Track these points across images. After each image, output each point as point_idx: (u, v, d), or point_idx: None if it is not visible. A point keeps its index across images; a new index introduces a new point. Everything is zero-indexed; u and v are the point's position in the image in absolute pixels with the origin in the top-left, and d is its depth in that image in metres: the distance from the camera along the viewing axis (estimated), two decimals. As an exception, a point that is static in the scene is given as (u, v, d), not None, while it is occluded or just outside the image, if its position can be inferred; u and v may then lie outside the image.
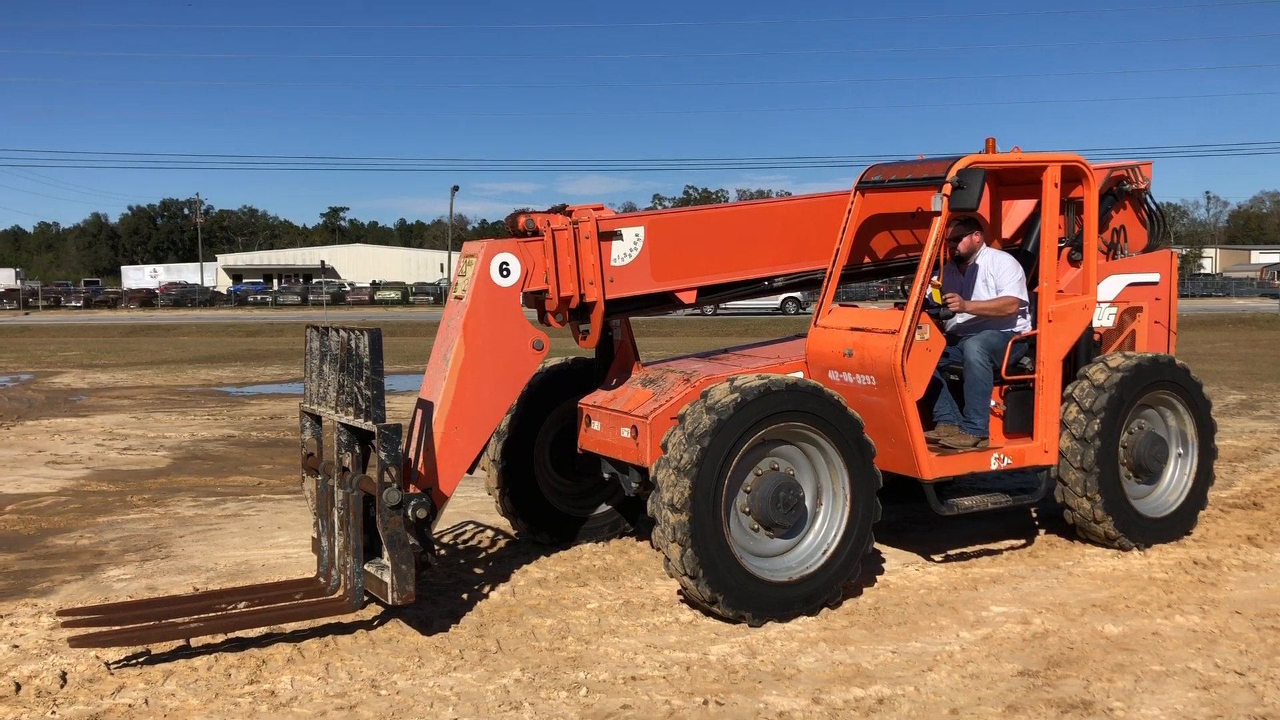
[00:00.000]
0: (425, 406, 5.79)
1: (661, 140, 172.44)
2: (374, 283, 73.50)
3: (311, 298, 65.60)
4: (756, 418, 5.53)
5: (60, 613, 5.50)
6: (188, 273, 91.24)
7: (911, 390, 6.03)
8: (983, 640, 5.29)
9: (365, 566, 5.41)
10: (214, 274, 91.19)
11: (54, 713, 4.48)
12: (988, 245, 6.93)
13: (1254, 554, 6.76)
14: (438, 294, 65.55)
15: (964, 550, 6.88)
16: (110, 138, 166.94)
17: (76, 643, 4.96)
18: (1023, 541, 7.07)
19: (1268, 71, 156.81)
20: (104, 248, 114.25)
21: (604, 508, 7.25)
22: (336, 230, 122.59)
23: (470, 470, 5.95)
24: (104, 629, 5.13)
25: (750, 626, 5.48)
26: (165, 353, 27.19)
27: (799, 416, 5.66)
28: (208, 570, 6.67)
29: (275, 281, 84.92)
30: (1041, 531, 7.30)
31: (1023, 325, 6.71)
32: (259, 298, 69.63)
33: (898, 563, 6.64)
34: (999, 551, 6.87)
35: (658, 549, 5.56)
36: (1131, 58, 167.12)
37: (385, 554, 5.25)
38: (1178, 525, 7.07)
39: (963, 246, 6.80)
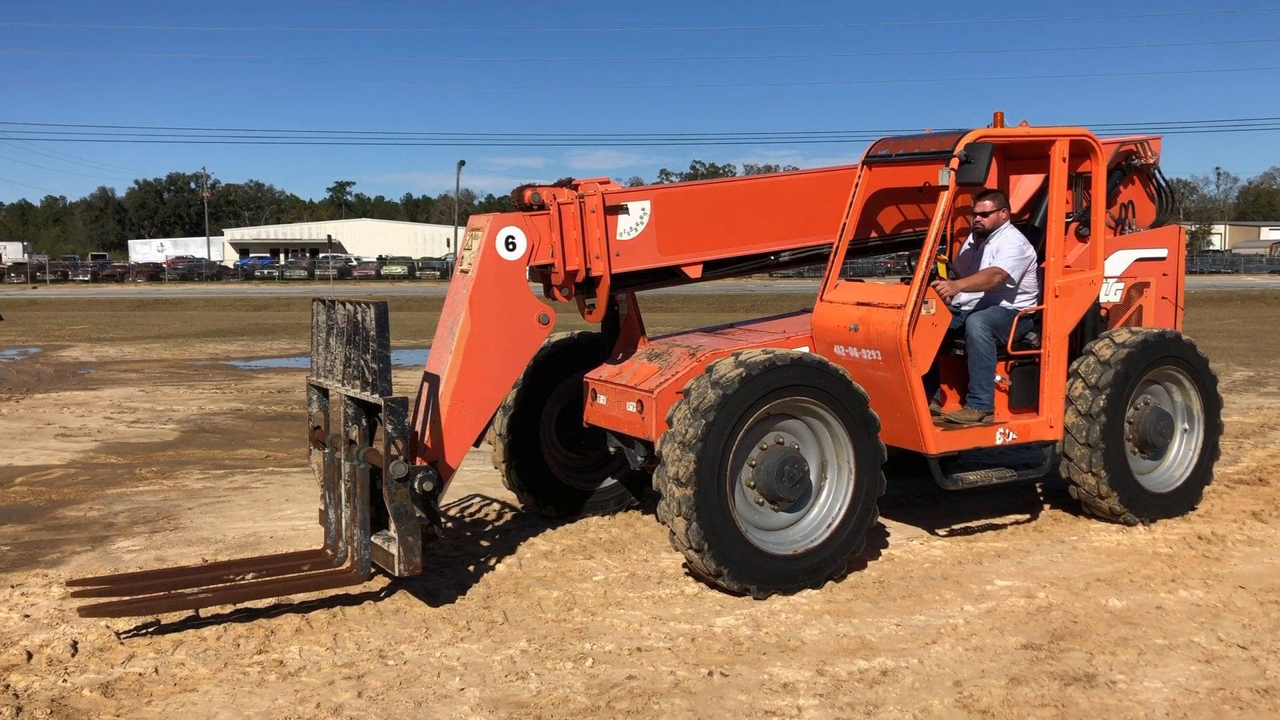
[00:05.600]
0: (431, 380, 5.81)
1: (671, 115, 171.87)
2: (380, 257, 73.54)
3: (318, 272, 65.62)
4: (761, 392, 5.54)
5: (70, 583, 5.54)
6: (194, 247, 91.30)
7: (917, 365, 6.03)
8: (987, 614, 5.31)
9: (372, 538, 5.45)
10: (221, 248, 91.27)
11: (65, 681, 4.53)
12: (1012, 221, 6.88)
13: (1259, 529, 6.77)
14: (444, 269, 65.50)
15: (969, 525, 6.90)
16: (117, 112, 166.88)
17: (87, 612, 5.01)
18: (1027, 516, 7.09)
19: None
20: (111, 222, 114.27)
21: (610, 481, 7.28)
22: (343, 205, 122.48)
23: (476, 444, 5.97)
24: (114, 599, 5.18)
25: (755, 599, 5.51)
26: (172, 327, 27.26)
27: (804, 391, 5.67)
28: (216, 542, 6.71)
29: (282, 256, 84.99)
30: (1046, 506, 7.31)
31: (1028, 301, 6.69)
32: (266, 272, 69.67)
33: (902, 537, 6.66)
34: (1003, 526, 6.89)
35: (663, 523, 5.59)
36: (1142, 32, 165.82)
37: (392, 526, 5.28)
38: (1183, 501, 7.07)
39: (989, 223, 6.74)
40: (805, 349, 6.28)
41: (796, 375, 5.63)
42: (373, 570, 5.54)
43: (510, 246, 5.99)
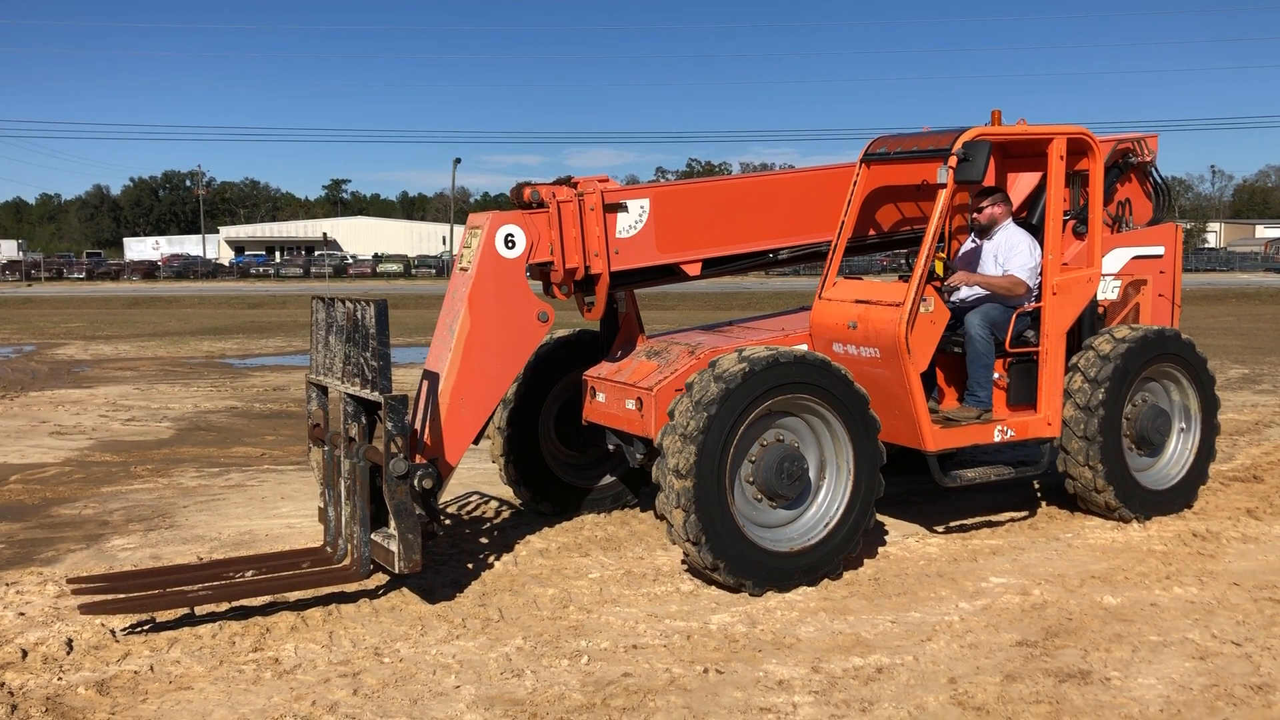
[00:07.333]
0: (431, 378, 5.80)
1: (667, 113, 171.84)
2: (376, 255, 73.46)
3: (314, 270, 65.54)
4: (763, 388, 5.55)
5: (70, 580, 5.53)
6: (190, 245, 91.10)
7: (915, 362, 6.04)
8: (982, 611, 5.32)
9: (372, 536, 5.44)
10: (216, 246, 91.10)
11: (60, 678, 4.52)
12: (1014, 220, 6.89)
13: (1253, 527, 6.78)
14: (440, 267, 65.46)
15: (964, 522, 6.91)
16: (112, 109, 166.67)
17: (87, 610, 5.00)
18: (1023, 513, 7.10)
19: (1275, 45, 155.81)
20: (106, 219, 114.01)
21: (607, 479, 7.28)
22: (339, 202, 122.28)
23: (475, 441, 5.97)
24: (114, 596, 5.17)
25: (750, 596, 5.51)
26: (168, 324, 27.21)
27: (806, 389, 5.67)
28: (211, 540, 6.71)
29: (277, 254, 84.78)
30: (1042, 504, 7.32)
31: (1026, 299, 6.70)
32: (261, 270, 69.56)
33: (898, 534, 6.67)
34: (999, 523, 6.90)
35: (661, 515, 5.59)
36: (1138, 30, 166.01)
37: (392, 523, 5.27)
38: (1178, 498, 7.09)
39: (983, 218, 6.76)
40: (804, 346, 6.29)
41: (799, 373, 5.64)
42: (373, 567, 5.54)
43: (509, 244, 5.99)
